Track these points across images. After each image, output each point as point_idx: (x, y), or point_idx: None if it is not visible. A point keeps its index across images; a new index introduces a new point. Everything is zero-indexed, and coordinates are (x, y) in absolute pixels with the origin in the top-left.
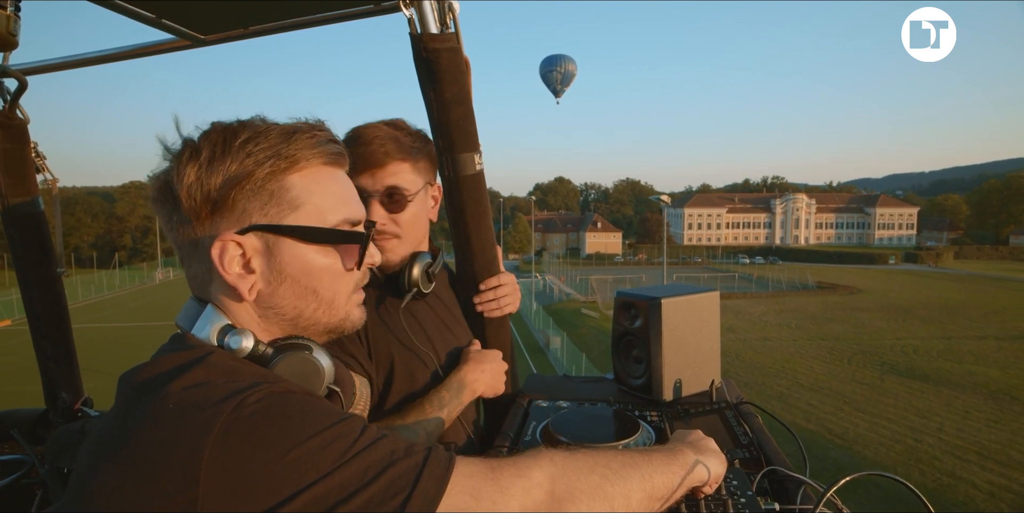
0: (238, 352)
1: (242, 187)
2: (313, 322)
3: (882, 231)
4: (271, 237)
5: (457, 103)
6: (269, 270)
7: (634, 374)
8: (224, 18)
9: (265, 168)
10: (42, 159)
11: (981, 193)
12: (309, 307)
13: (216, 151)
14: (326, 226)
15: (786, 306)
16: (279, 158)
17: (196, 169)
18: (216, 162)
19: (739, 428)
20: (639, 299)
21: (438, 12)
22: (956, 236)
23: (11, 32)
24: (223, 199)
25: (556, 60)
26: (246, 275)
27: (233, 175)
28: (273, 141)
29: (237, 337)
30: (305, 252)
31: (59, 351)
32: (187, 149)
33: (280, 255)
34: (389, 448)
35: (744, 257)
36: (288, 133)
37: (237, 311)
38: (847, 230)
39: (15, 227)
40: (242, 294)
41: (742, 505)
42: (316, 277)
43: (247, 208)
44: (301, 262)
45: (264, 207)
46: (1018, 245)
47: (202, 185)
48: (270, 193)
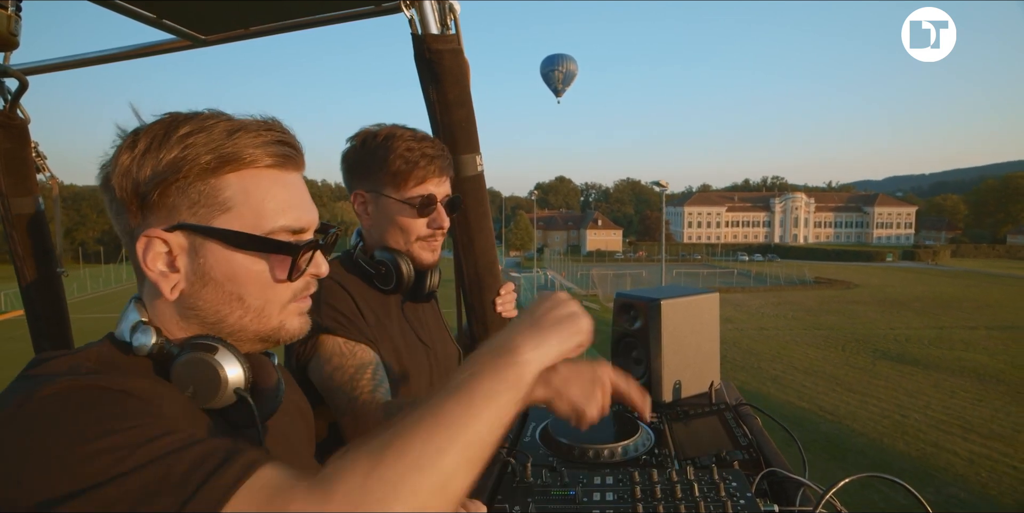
0: (138, 350)
1: (170, 183)
2: (239, 328)
3: (880, 230)
4: (198, 238)
5: (459, 104)
6: (193, 271)
7: (633, 375)
8: (225, 18)
9: (198, 165)
10: (43, 159)
11: (979, 193)
12: (234, 313)
13: (153, 143)
14: (259, 232)
15: (783, 299)
16: (215, 155)
17: (129, 159)
18: (149, 154)
19: (738, 430)
20: (638, 300)
21: (439, 13)
22: (954, 235)
23: (12, 32)
24: (151, 193)
25: (557, 59)
26: (169, 274)
27: (163, 169)
28: (214, 136)
29: (138, 334)
30: (231, 257)
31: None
32: (129, 137)
33: (205, 257)
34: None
35: (743, 254)
36: (232, 130)
37: (160, 309)
38: (846, 229)
39: (15, 227)
40: (163, 292)
41: (741, 506)
42: (242, 284)
43: (176, 205)
44: (226, 267)
45: (193, 206)
46: (1015, 244)
47: (132, 176)
48: (199, 191)
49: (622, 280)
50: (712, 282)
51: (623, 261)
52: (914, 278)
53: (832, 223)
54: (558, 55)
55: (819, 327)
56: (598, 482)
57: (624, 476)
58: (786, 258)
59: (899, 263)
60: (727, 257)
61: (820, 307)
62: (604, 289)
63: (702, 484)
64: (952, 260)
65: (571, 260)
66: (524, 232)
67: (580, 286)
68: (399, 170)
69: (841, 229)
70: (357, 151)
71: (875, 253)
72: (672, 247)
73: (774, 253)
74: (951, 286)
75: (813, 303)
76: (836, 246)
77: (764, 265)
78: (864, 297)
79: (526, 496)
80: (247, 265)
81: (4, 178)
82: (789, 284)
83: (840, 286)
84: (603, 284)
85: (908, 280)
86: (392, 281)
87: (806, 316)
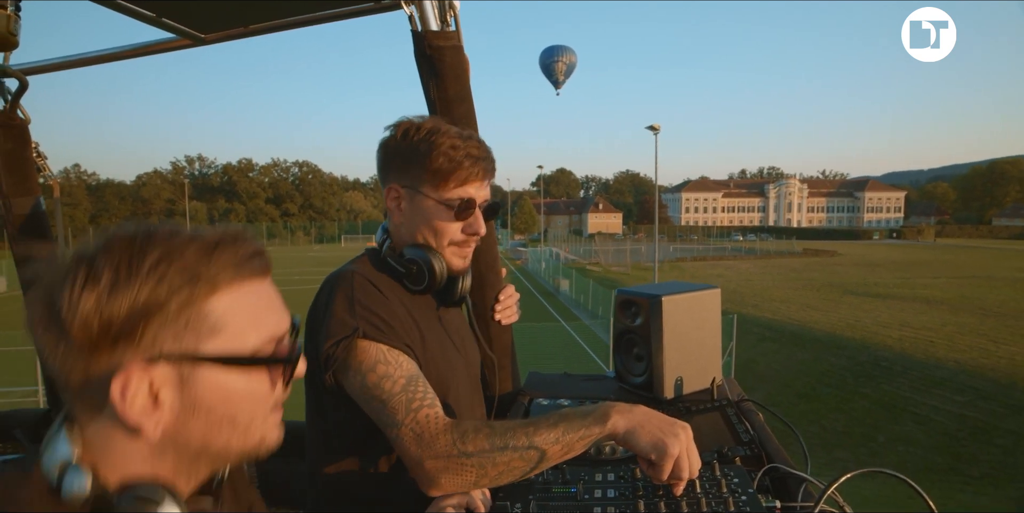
0: (71, 501)
1: (152, 317)
2: (223, 452)
3: (871, 214)
4: (186, 367)
5: (459, 101)
6: (180, 402)
7: (635, 372)
8: (224, 17)
9: (182, 295)
10: (43, 159)
11: (967, 179)
12: (221, 437)
13: (120, 275)
14: (250, 349)
15: (771, 264)
16: (197, 282)
17: (94, 298)
18: (120, 289)
19: (740, 426)
20: (640, 297)
21: (439, 9)
22: (942, 219)
23: (12, 32)
24: (129, 329)
25: (557, 51)
26: (152, 411)
27: (142, 305)
28: (189, 261)
29: (72, 476)
30: (227, 379)
31: None
32: (81, 269)
33: (196, 385)
34: None
35: (738, 235)
36: (207, 248)
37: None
38: (837, 213)
39: (16, 227)
40: (145, 432)
41: (743, 502)
42: (235, 404)
43: (158, 336)
44: (222, 391)
45: (179, 336)
46: (999, 225)
47: (101, 315)
48: (186, 321)
49: (621, 255)
50: (706, 254)
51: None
52: (895, 250)
53: (824, 208)
54: (558, 46)
55: (799, 279)
56: (600, 479)
57: (626, 472)
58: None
59: (885, 241)
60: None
61: (804, 268)
62: (605, 259)
63: (704, 480)
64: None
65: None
66: (528, 216)
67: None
68: (440, 168)
69: (833, 214)
70: (397, 142)
71: (863, 232)
72: (670, 229)
73: (767, 234)
74: (928, 254)
75: (798, 266)
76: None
77: (757, 242)
78: (845, 261)
79: (527, 493)
80: (242, 384)
81: (5, 178)
82: (779, 254)
83: (825, 255)
84: (604, 256)
85: (890, 251)
86: (424, 281)
87: (789, 273)
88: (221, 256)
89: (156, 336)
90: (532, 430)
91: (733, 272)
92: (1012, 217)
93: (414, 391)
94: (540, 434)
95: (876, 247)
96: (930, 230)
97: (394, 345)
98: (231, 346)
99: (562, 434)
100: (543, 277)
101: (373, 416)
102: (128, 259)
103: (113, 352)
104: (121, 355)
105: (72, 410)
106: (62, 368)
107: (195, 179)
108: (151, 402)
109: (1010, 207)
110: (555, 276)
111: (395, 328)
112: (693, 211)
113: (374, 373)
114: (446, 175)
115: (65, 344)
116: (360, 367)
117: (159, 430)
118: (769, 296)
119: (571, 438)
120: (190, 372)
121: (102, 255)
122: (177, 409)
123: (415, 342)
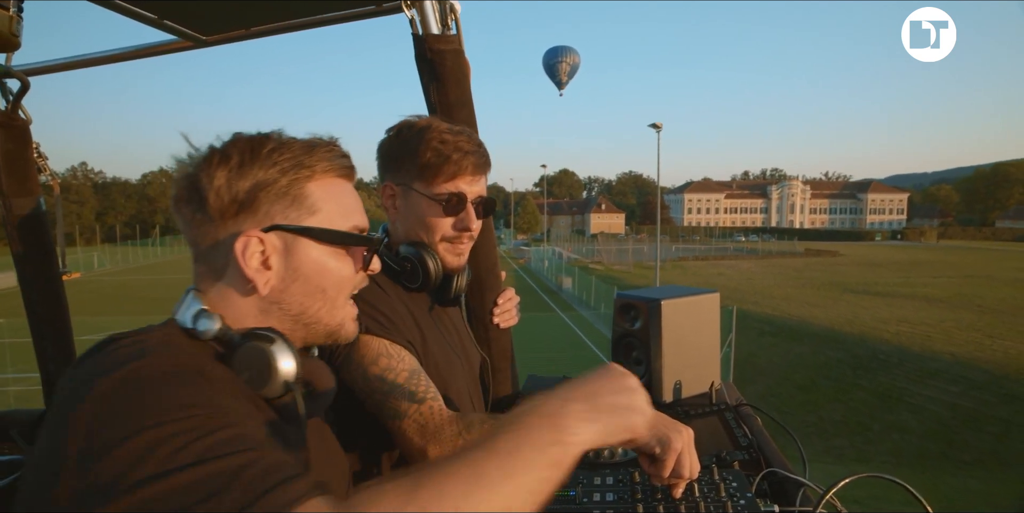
0: (203, 334)
1: (268, 191)
2: (315, 320)
3: (874, 216)
4: (290, 237)
5: (460, 105)
6: (285, 268)
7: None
8: (225, 19)
9: (289, 175)
10: (44, 159)
11: (970, 181)
12: (315, 305)
13: (245, 157)
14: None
15: (772, 263)
16: (301, 167)
17: (227, 172)
18: (245, 167)
19: (739, 430)
20: (639, 300)
21: (439, 13)
22: (945, 221)
23: (13, 33)
24: (250, 201)
25: (560, 52)
26: (263, 271)
27: (261, 180)
28: (296, 152)
29: (205, 320)
30: (320, 253)
31: (59, 352)
32: (215, 155)
33: (297, 254)
34: (236, 465)
35: (740, 236)
36: (309, 146)
37: (234, 302)
38: (840, 215)
39: (16, 228)
40: (257, 287)
41: (741, 507)
42: (326, 277)
43: (270, 210)
44: (315, 262)
45: (285, 210)
46: (1002, 227)
47: (231, 187)
48: (292, 198)
49: (624, 255)
50: (708, 254)
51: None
52: (898, 251)
53: (827, 209)
54: (561, 47)
55: (800, 278)
56: (598, 482)
57: (624, 476)
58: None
59: (887, 242)
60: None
61: (805, 268)
62: (607, 258)
63: (702, 484)
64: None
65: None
66: (531, 216)
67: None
68: (429, 163)
69: (836, 215)
70: (392, 141)
71: (865, 233)
72: (672, 230)
73: (769, 234)
74: (929, 255)
75: (800, 266)
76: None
77: (759, 243)
78: (846, 261)
79: None
80: (331, 259)
81: (5, 179)
82: (780, 254)
83: (827, 255)
84: (607, 255)
85: (891, 252)
86: (419, 279)
87: (791, 272)
88: (319, 152)
89: (269, 210)
90: None
91: (734, 271)
92: (1015, 219)
93: (417, 384)
94: None
95: (878, 248)
96: (932, 232)
97: (396, 340)
98: (325, 224)
99: None
100: (546, 275)
101: (375, 410)
102: (251, 148)
103: (236, 220)
104: (243, 223)
105: (197, 278)
106: (196, 236)
107: None
108: (262, 263)
109: (1013, 209)
110: (558, 274)
111: (397, 324)
112: (696, 212)
113: (376, 366)
114: (436, 169)
115: (201, 213)
116: (362, 360)
117: (268, 288)
118: (770, 294)
119: None
120: (292, 242)
121: (230, 145)
122: (282, 273)
123: (416, 339)
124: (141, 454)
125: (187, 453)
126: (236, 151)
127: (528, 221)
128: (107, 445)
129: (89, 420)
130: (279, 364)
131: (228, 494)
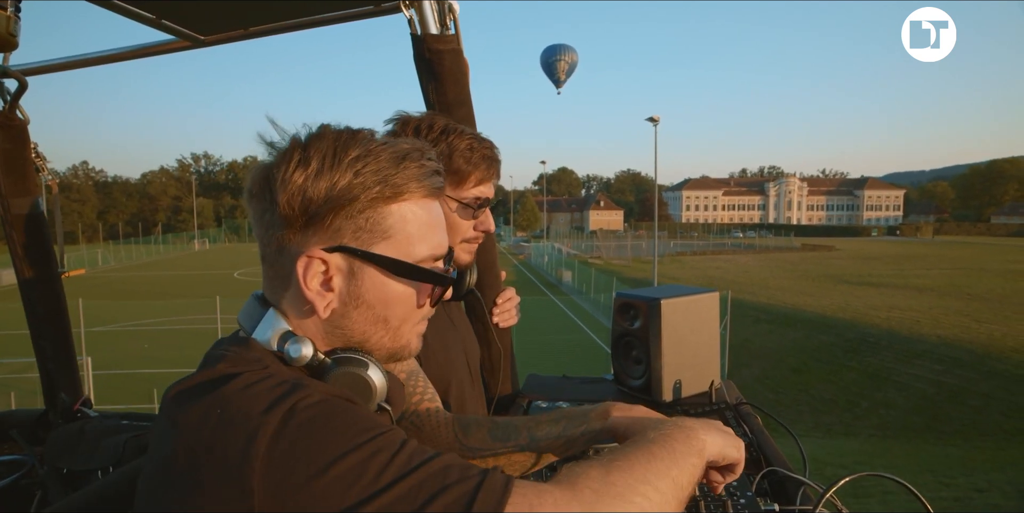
0: (297, 360)
1: (342, 207)
2: (377, 348)
3: (870, 212)
4: (357, 261)
5: (459, 104)
6: (348, 292)
7: (633, 375)
8: (224, 19)
9: (370, 193)
10: (42, 159)
11: (966, 178)
12: (377, 334)
13: (325, 164)
14: (411, 260)
15: (770, 258)
16: (385, 185)
17: (303, 178)
18: (323, 175)
19: (739, 429)
20: (638, 300)
21: (438, 13)
22: (940, 217)
23: (11, 33)
24: (320, 215)
25: (558, 50)
26: (325, 293)
27: (337, 194)
28: (382, 164)
29: (297, 345)
30: (386, 282)
31: (59, 352)
32: (296, 152)
33: (362, 281)
34: (441, 467)
35: (738, 232)
36: (398, 158)
37: (303, 322)
38: (837, 211)
39: (15, 227)
40: (317, 310)
41: (741, 506)
42: (391, 307)
43: (341, 228)
44: (380, 291)
45: (357, 231)
46: (998, 223)
47: (304, 195)
48: (367, 218)
49: (623, 251)
50: (706, 249)
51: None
52: (893, 245)
53: (824, 206)
54: (559, 45)
55: (796, 270)
56: None
57: None
58: (779, 234)
59: (884, 237)
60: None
61: (801, 261)
62: (606, 253)
63: (702, 483)
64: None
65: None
66: (530, 213)
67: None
68: (459, 169)
69: (833, 212)
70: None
71: (861, 228)
72: (671, 226)
73: (767, 230)
74: (925, 249)
75: (796, 260)
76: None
77: (756, 239)
78: (842, 255)
79: None
80: (399, 291)
81: (4, 178)
82: (777, 249)
83: (823, 250)
84: (606, 250)
85: (887, 246)
86: (462, 293)
87: (786, 265)
88: (409, 167)
89: (340, 227)
90: (534, 425)
91: (732, 265)
92: (1010, 215)
93: (414, 385)
94: (542, 429)
95: (874, 243)
96: (928, 227)
97: None
98: (398, 253)
99: (563, 430)
100: (546, 270)
101: None
102: (333, 152)
103: (304, 232)
104: (310, 237)
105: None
106: (263, 235)
107: (201, 176)
108: (324, 285)
109: (1008, 205)
110: (558, 268)
111: None
112: (694, 209)
113: None
114: (465, 176)
115: (271, 214)
116: None
117: (328, 311)
118: (765, 285)
119: (573, 433)
120: (360, 267)
121: (312, 144)
122: (344, 297)
123: None
124: (350, 480)
125: (393, 468)
126: (317, 153)
127: (527, 218)
128: (309, 479)
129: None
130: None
131: (448, 493)
